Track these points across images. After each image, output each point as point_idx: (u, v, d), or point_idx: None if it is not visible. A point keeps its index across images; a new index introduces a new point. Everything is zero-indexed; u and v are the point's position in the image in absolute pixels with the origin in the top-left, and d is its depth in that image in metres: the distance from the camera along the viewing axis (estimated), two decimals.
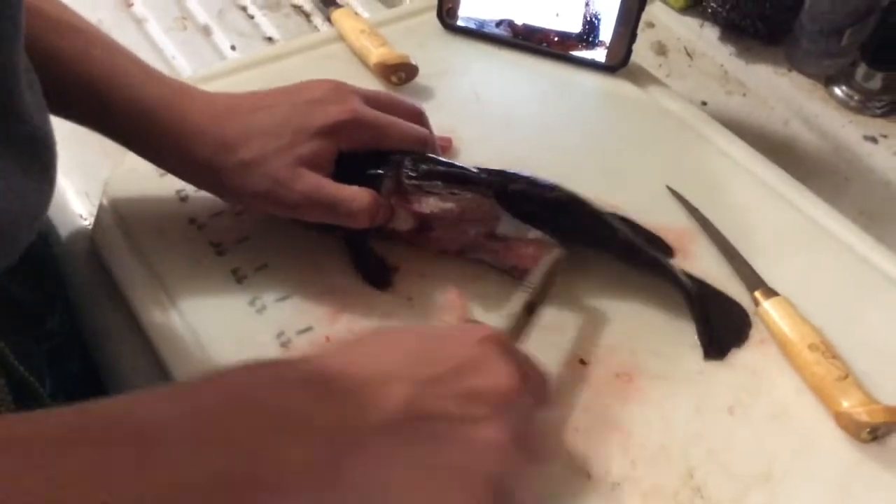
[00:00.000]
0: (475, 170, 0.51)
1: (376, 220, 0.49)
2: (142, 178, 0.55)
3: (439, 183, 0.49)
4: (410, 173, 0.49)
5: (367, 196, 0.48)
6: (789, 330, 0.48)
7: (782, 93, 0.73)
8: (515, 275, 0.47)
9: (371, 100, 0.51)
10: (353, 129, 0.49)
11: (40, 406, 0.44)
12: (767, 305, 0.49)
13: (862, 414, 0.43)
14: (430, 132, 0.54)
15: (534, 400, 0.37)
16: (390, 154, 0.50)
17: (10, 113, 0.36)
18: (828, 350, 0.46)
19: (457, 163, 0.52)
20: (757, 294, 0.50)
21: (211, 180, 0.48)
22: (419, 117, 0.54)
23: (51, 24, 0.47)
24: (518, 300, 0.43)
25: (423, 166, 0.50)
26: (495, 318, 0.42)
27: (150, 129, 0.47)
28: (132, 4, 0.73)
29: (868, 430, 0.44)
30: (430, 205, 0.49)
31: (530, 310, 0.43)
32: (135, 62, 0.50)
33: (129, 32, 0.71)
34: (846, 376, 0.45)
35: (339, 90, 0.51)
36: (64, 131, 0.50)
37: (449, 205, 0.49)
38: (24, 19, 0.38)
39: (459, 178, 0.50)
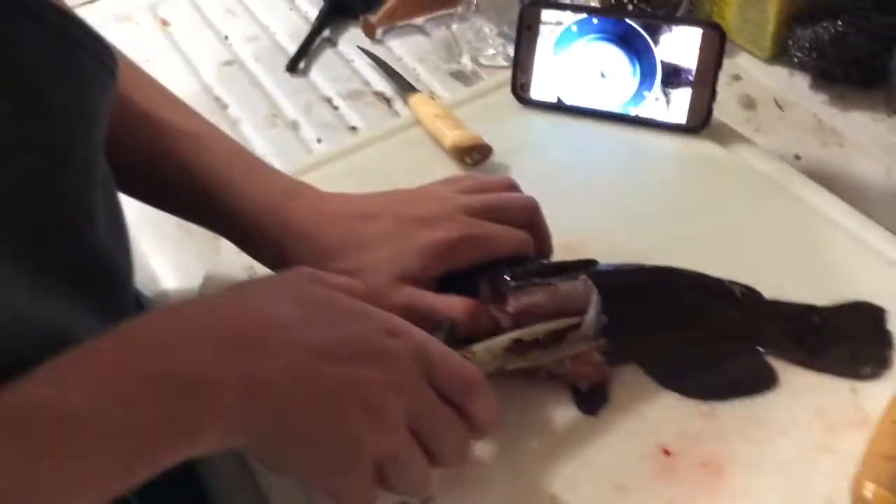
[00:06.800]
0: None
1: (478, 328, 0.47)
2: (231, 279, 0.58)
3: (536, 279, 0.48)
4: (508, 278, 0.48)
5: (463, 304, 0.47)
6: (892, 404, 0.45)
7: (882, 140, 0.68)
8: (567, 380, 0.47)
9: (478, 210, 0.50)
10: (460, 249, 0.48)
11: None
12: None
13: (866, 488, 0.40)
14: (544, 227, 0.53)
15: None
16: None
17: (86, 255, 0.39)
18: None
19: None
20: None
21: None
22: (532, 213, 0.52)
23: (164, 132, 0.50)
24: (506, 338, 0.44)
25: (519, 269, 0.48)
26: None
27: (255, 233, 0.49)
28: (227, 106, 0.78)
29: None
30: (528, 301, 0.47)
31: (519, 351, 0.44)
32: (245, 164, 0.51)
33: (225, 133, 0.75)
34: None
35: (446, 207, 0.50)
36: (165, 234, 0.53)
37: (546, 297, 0.47)
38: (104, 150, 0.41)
39: (555, 269, 0.49)
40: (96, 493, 0.33)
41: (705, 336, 0.49)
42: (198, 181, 0.49)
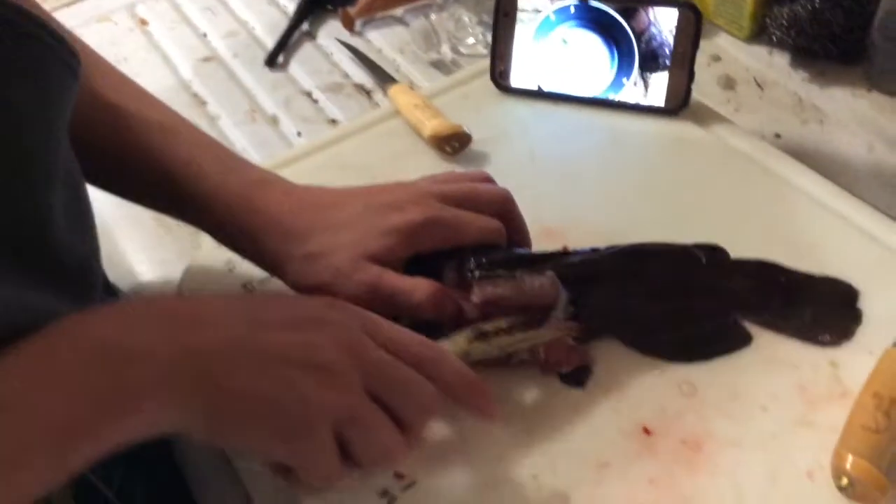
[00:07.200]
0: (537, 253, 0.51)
1: (443, 312, 0.47)
2: (211, 274, 0.57)
3: (501, 270, 0.48)
4: (473, 267, 0.48)
5: (428, 287, 0.46)
6: (872, 377, 0.44)
7: (863, 115, 0.68)
8: (548, 367, 0.48)
9: (448, 197, 0.50)
10: (426, 232, 0.48)
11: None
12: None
13: (845, 459, 0.41)
14: (518, 218, 0.52)
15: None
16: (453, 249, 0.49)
17: (45, 253, 0.39)
18: (890, 406, 0.42)
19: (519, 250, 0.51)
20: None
21: (278, 269, 0.49)
22: (504, 203, 0.51)
23: (133, 123, 0.50)
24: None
25: (484, 258, 0.48)
26: None
27: (226, 221, 0.49)
28: (206, 103, 0.77)
29: (844, 479, 0.41)
30: (493, 292, 0.47)
31: (482, 336, 0.44)
32: (216, 153, 0.51)
33: (204, 129, 0.75)
34: (878, 431, 0.41)
35: (415, 192, 0.50)
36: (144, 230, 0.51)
37: (512, 290, 0.47)
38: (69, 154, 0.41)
39: (520, 261, 0.49)
40: (38, 471, 0.33)
41: (677, 303, 0.50)
42: (168, 171, 0.49)
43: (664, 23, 0.64)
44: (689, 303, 0.50)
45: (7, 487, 0.32)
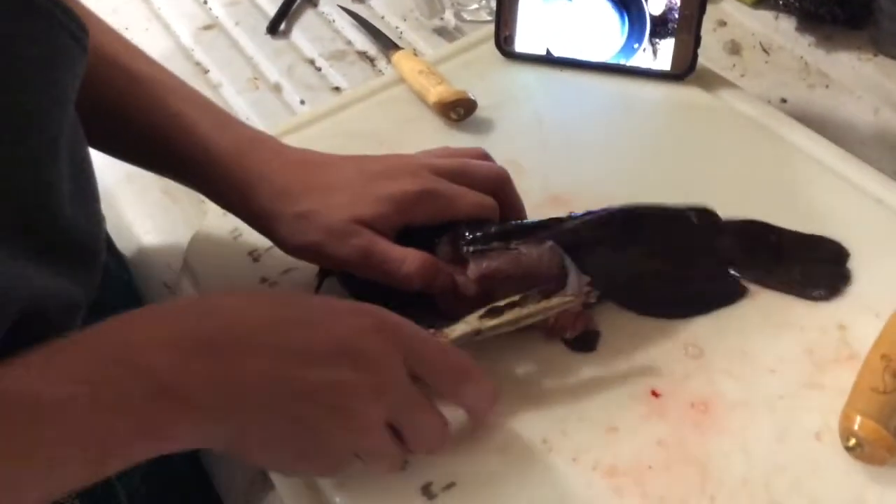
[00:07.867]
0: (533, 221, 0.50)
1: (433, 284, 0.47)
2: (217, 243, 0.57)
3: (496, 243, 0.47)
4: (466, 242, 0.47)
5: (418, 258, 0.46)
6: (881, 339, 0.45)
7: (869, 80, 0.68)
8: (553, 332, 0.48)
9: (443, 171, 0.49)
10: (419, 202, 0.48)
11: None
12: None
13: (853, 420, 0.41)
14: (514, 196, 0.52)
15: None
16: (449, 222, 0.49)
17: (50, 226, 0.39)
18: None
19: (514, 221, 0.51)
20: None
21: (268, 228, 0.49)
22: (499, 181, 0.51)
23: (128, 78, 0.49)
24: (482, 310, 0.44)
25: (479, 232, 0.48)
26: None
27: (219, 178, 0.49)
28: (208, 71, 0.77)
29: (852, 440, 0.41)
30: (489, 266, 0.47)
31: (496, 313, 0.44)
32: (208, 111, 0.51)
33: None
34: (886, 393, 0.41)
35: (410, 165, 0.50)
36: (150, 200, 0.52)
37: (509, 263, 0.47)
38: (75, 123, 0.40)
39: (515, 232, 0.48)
40: (67, 483, 0.34)
41: (671, 263, 0.51)
42: (161, 125, 0.49)
43: None
44: (683, 262, 0.51)
45: (42, 484, 0.33)
